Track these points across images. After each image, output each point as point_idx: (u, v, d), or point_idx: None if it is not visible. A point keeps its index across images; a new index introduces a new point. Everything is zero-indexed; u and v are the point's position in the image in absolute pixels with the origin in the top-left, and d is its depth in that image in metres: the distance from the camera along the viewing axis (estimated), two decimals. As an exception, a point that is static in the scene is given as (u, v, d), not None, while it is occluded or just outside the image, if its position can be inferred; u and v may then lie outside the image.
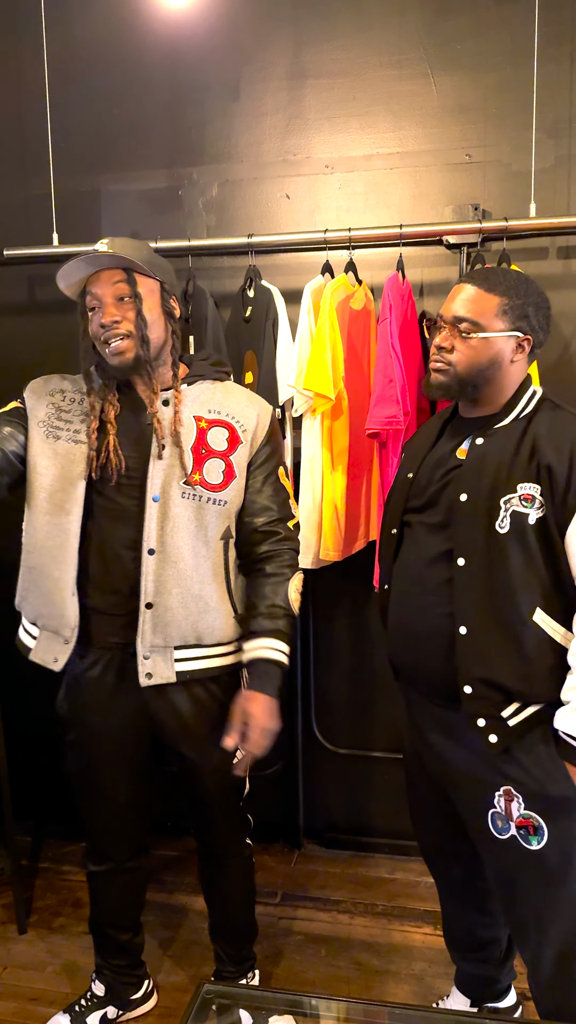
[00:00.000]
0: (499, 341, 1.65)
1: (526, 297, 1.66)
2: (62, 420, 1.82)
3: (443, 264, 2.61)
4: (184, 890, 2.69)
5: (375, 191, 2.64)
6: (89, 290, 1.73)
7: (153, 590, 1.76)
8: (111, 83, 2.75)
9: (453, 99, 2.56)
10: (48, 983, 2.29)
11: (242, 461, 1.82)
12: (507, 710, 1.61)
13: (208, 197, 2.75)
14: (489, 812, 1.67)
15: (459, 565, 1.63)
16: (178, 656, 1.80)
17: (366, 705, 2.86)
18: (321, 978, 2.29)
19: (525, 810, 1.62)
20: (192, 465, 1.76)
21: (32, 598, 1.85)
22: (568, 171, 2.51)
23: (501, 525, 1.58)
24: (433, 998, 2.18)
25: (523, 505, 1.58)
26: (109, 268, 1.71)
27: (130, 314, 1.71)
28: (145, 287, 1.73)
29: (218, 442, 1.80)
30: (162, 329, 1.78)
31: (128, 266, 1.71)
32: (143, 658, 1.78)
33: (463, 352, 1.65)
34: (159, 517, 1.75)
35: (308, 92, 2.65)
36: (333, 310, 2.35)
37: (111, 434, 1.77)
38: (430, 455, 1.79)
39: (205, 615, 1.80)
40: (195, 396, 1.83)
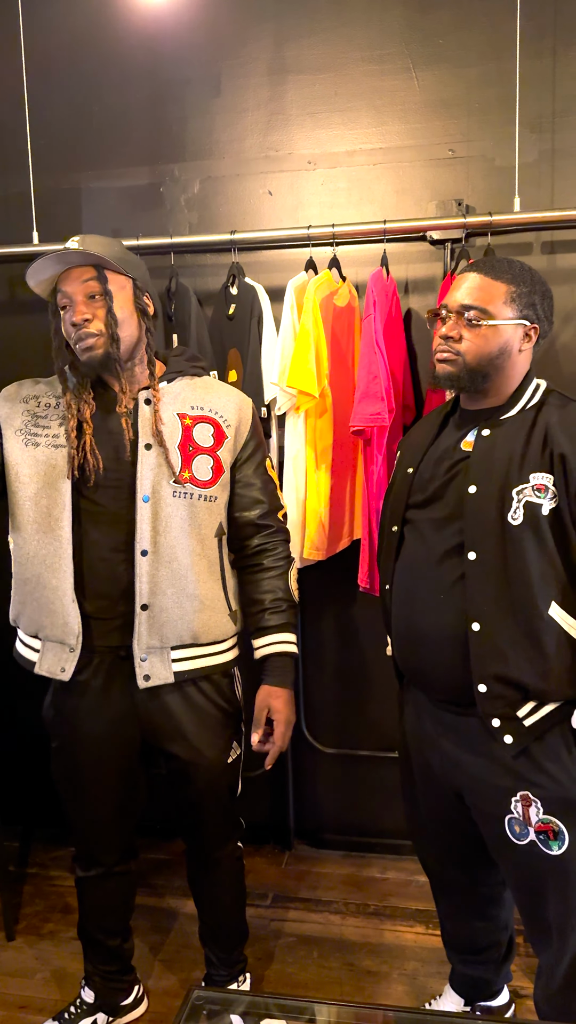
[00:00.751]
0: (508, 329, 1.61)
1: (532, 285, 1.63)
2: (39, 426, 1.79)
3: (427, 260, 2.59)
4: (174, 894, 2.67)
5: (358, 187, 2.63)
6: (60, 288, 1.71)
7: (148, 591, 1.74)
8: (91, 79, 2.72)
9: (435, 94, 2.55)
10: (37, 990, 2.26)
11: (227, 456, 1.81)
12: (523, 709, 1.57)
13: (190, 194, 2.73)
14: (506, 818, 1.62)
15: (470, 559, 1.58)
16: (175, 656, 1.79)
17: (355, 705, 2.84)
18: (313, 980, 2.28)
19: (544, 815, 1.57)
20: (181, 463, 1.75)
21: (30, 611, 1.82)
22: (552, 165, 2.50)
23: (514, 516, 1.54)
24: (426, 997, 2.17)
25: (536, 495, 1.53)
26: (79, 266, 1.69)
27: (100, 312, 1.69)
28: (116, 284, 1.71)
29: (204, 438, 1.79)
30: (134, 327, 1.75)
31: (98, 263, 1.69)
32: (140, 660, 1.76)
33: (472, 341, 1.61)
34: (151, 518, 1.73)
35: (290, 88, 2.63)
36: (316, 307, 2.33)
37: (87, 434, 1.75)
38: (432, 449, 1.74)
39: (200, 614, 1.78)
40: (176, 393, 1.81)
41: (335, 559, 2.54)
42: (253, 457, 1.86)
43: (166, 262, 2.56)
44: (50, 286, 1.73)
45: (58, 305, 1.72)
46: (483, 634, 1.57)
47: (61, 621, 1.77)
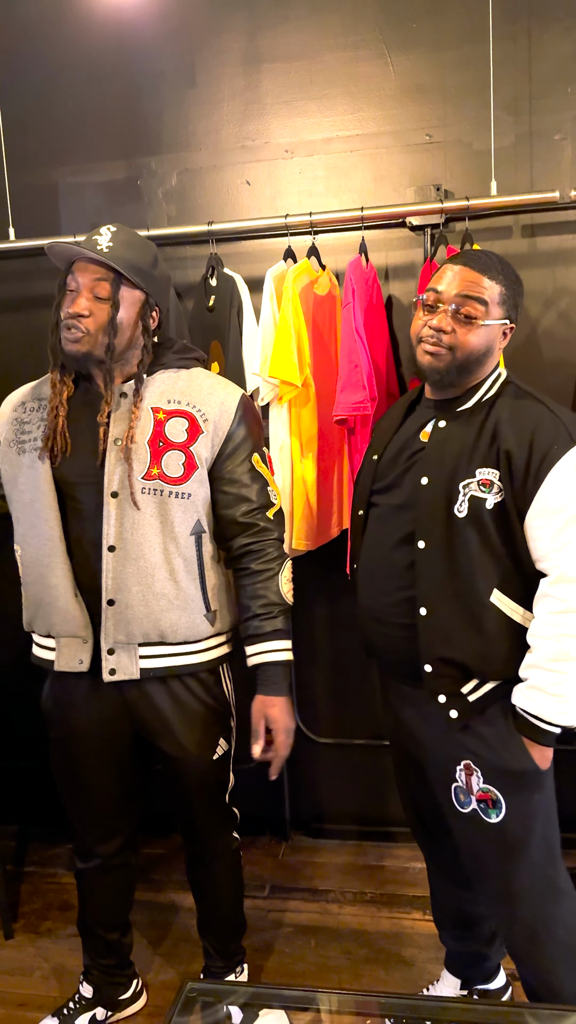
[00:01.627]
0: (495, 328, 1.64)
1: (517, 286, 1.67)
2: (25, 432, 1.81)
3: (407, 247, 2.59)
4: (173, 887, 2.67)
5: (336, 175, 2.62)
6: (73, 272, 1.70)
7: (113, 587, 1.74)
8: (64, 74, 2.70)
9: (411, 79, 2.53)
10: (36, 988, 2.26)
11: (204, 452, 1.77)
12: (467, 686, 1.64)
13: (167, 186, 2.71)
14: (452, 786, 1.69)
15: (420, 548, 1.64)
16: (143, 653, 1.78)
17: (347, 694, 2.84)
18: (312, 969, 2.28)
19: (484, 783, 1.64)
20: (149, 459, 1.72)
21: (41, 612, 1.82)
22: (529, 148, 2.49)
23: (459, 509, 1.59)
24: (424, 983, 2.18)
25: (481, 490, 1.58)
26: (99, 262, 1.69)
27: (101, 315, 1.69)
28: (128, 296, 1.71)
29: (176, 433, 1.75)
30: (128, 340, 1.74)
31: (118, 270, 1.68)
32: (107, 654, 1.77)
33: (465, 338, 1.61)
34: (117, 514, 1.73)
35: (265, 76, 2.62)
36: (296, 296, 2.32)
37: (61, 416, 1.75)
38: (395, 437, 1.78)
39: (168, 613, 1.76)
40: (154, 387, 1.79)
41: (326, 548, 2.54)
42: (237, 452, 1.80)
43: (145, 255, 2.55)
44: (67, 261, 1.73)
45: (66, 284, 1.72)
46: (430, 618, 1.63)
47: (70, 616, 1.77)
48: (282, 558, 1.84)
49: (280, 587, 1.82)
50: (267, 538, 1.82)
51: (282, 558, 1.84)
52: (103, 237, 1.69)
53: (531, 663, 1.57)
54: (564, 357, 2.53)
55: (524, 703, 1.58)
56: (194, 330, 2.52)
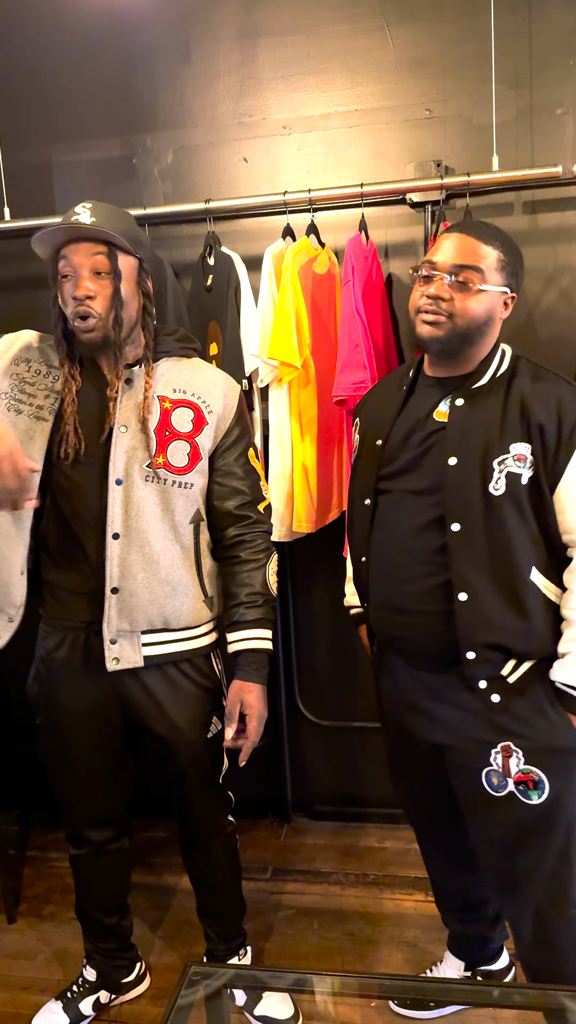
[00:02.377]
0: (495, 295, 1.61)
1: (516, 255, 1.64)
2: (25, 394, 1.76)
3: (407, 224, 2.55)
4: (172, 871, 2.67)
5: (335, 151, 2.58)
6: (64, 255, 1.65)
7: (119, 575, 1.72)
8: (57, 51, 2.65)
9: (410, 53, 2.49)
10: (39, 971, 2.27)
11: (207, 443, 1.78)
12: (506, 668, 1.61)
13: (163, 164, 2.67)
14: (484, 771, 1.65)
15: (453, 530, 1.58)
16: (145, 640, 1.77)
17: (348, 676, 2.83)
18: (314, 951, 2.29)
19: (525, 764, 1.61)
20: (156, 448, 1.72)
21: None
22: (530, 123, 2.45)
23: (496, 487, 1.56)
24: (427, 964, 2.18)
25: (516, 465, 1.55)
26: (90, 239, 1.64)
27: (106, 291, 1.65)
28: (124, 263, 1.67)
29: (183, 423, 1.75)
30: (135, 308, 1.72)
31: (110, 240, 1.64)
32: (110, 643, 1.75)
33: (464, 304, 1.59)
34: (123, 500, 1.71)
35: (261, 51, 2.57)
36: (295, 274, 2.29)
37: (72, 413, 1.72)
38: (400, 418, 1.72)
39: (172, 599, 1.76)
40: (160, 375, 1.77)
41: (325, 531, 2.52)
42: (235, 446, 1.82)
43: (141, 235, 2.51)
44: (53, 249, 1.67)
45: (59, 272, 1.67)
46: (470, 603, 1.58)
47: (5, 591, 1.76)
48: (270, 550, 1.86)
49: (267, 578, 1.84)
50: (258, 529, 1.85)
51: (270, 550, 1.86)
52: (83, 214, 1.64)
53: (572, 637, 1.56)
54: (565, 335, 2.50)
55: (567, 678, 1.56)
56: (192, 310, 2.49)
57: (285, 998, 2.02)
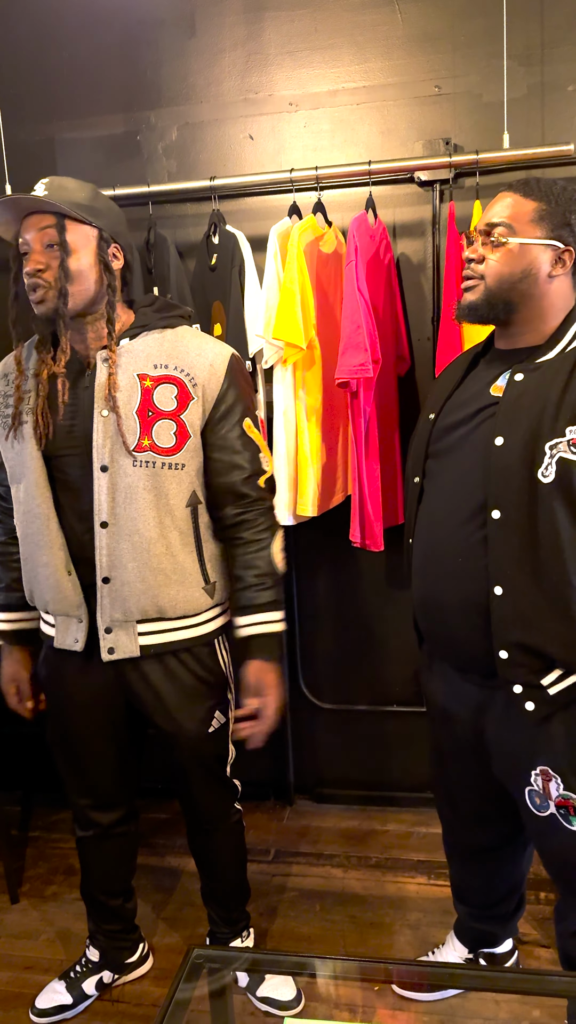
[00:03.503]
0: (534, 249, 1.47)
1: (569, 204, 1.48)
2: (7, 407, 1.74)
3: (415, 203, 2.51)
4: (176, 853, 2.68)
5: (342, 128, 2.54)
6: (21, 234, 1.62)
7: (108, 564, 1.68)
8: (59, 24, 2.61)
9: (419, 27, 2.44)
10: (42, 951, 2.27)
11: (195, 419, 1.69)
12: (547, 678, 1.47)
13: (168, 141, 2.64)
14: (526, 790, 1.57)
15: (494, 518, 1.46)
16: (142, 630, 1.73)
17: (351, 659, 2.83)
18: (316, 933, 2.29)
19: (564, 790, 1.51)
20: (139, 430, 1.65)
21: (37, 588, 1.78)
22: (542, 100, 2.41)
23: (544, 474, 1.40)
24: (429, 947, 2.18)
25: (571, 451, 1.39)
26: (39, 212, 1.60)
27: (55, 263, 1.60)
28: (77, 234, 1.61)
29: (166, 401, 1.66)
30: (93, 281, 1.64)
31: (57, 211, 1.59)
32: (104, 632, 1.72)
33: (494, 261, 1.49)
34: (109, 488, 1.66)
35: (267, 26, 2.53)
36: (300, 253, 2.25)
37: (41, 395, 1.68)
38: (457, 393, 1.61)
39: (166, 588, 1.71)
40: (139, 351, 1.68)
41: (331, 514, 2.50)
42: (228, 417, 1.72)
43: (145, 213, 2.48)
44: (16, 229, 1.65)
45: (20, 251, 1.64)
46: (506, 599, 1.46)
47: (62, 596, 1.73)
48: (274, 527, 1.80)
49: (273, 557, 1.77)
50: (260, 507, 1.77)
51: (274, 527, 1.80)
52: (37, 189, 1.61)
53: None
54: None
55: None
56: (196, 290, 2.46)
57: (287, 980, 2.02)
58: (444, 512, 1.56)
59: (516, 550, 1.44)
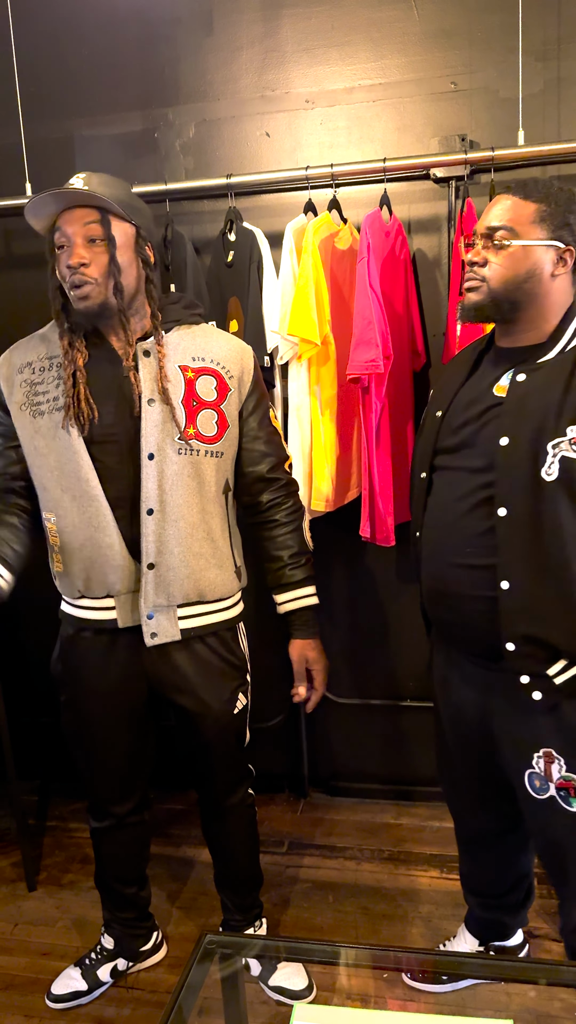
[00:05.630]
0: (537, 250, 1.51)
1: (569, 204, 1.52)
2: (38, 393, 1.75)
3: (431, 199, 2.52)
4: (190, 842, 2.71)
5: (358, 125, 2.54)
6: (59, 226, 1.64)
7: (155, 550, 1.73)
8: (78, 23, 2.63)
9: (436, 23, 2.44)
10: (59, 938, 2.31)
11: (232, 410, 1.78)
12: (554, 668, 1.51)
13: (185, 138, 2.65)
14: (527, 772, 1.60)
15: (500, 515, 1.50)
16: (182, 614, 1.79)
17: (365, 654, 2.84)
18: (329, 924, 2.31)
19: (567, 772, 1.55)
20: (185, 419, 1.71)
21: (97, 575, 1.77)
22: (558, 96, 2.41)
23: (548, 472, 1.45)
24: (440, 939, 2.20)
25: (573, 450, 1.43)
26: (82, 206, 1.63)
27: (101, 258, 1.63)
28: (119, 230, 1.64)
29: (207, 392, 1.75)
30: (134, 276, 1.69)
31: (103, 206, 1.62)
32: (147, 618, 1.76)
33: (497, 263, 1.53)
34: (156, 475, 1.70)
35: (284, 23, 2.54)
36: (316, 249, 2.27)
37: (81, 383, 1.70)
38: (463, 391, 1.65)
39: (207, 572, 1.78)
40: (175, 344, 1.76)
41: (344, 509, 2.51)
42: (257, 409, 1.83)
43: (162, 210, 2.50)
44: (49, 222, 1.67)
45: (55, 244, 1.66)
46: (513, 593, 1.50)
47: (127, 573, 1.76)
48: (301, 508, 1.92)
49: (304, 535, 1.90)
50: (289, 490, 1.89)
51: (301, 508, 1.92)
52: (77, 181, 1.63)
53: None
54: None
55: None
56: (212, 286, 2.48)
57: (299, 969, 2.05)
58: (453, 507, 1.60)
59: (522, 545, 1.48)
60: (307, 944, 1.83)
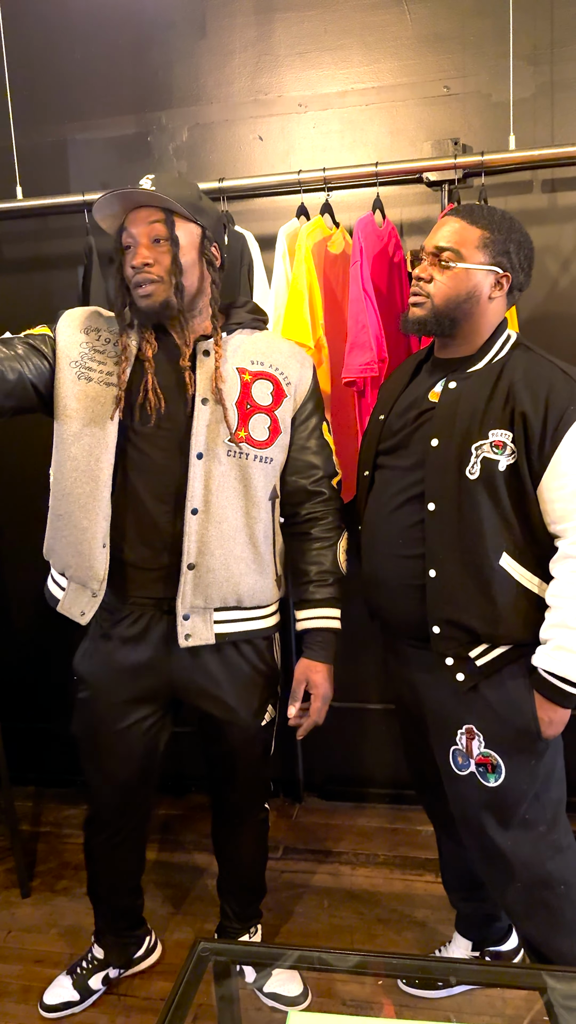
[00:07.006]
0: (478, 274, 1.63)
1: (508, 233, 1.64)
2: (95, 361, 1.72)
3: (424, 203, 2.52)
4: (187, 848, 2.70)
5: (351, 129, 2.55)
6: (126, 227, 1.66)
7: (196, 551, 1.70)
8: (70, 26, 2.64)
9: (428, 27, 2.45)
10: (52, 945, 2.30)
11: (287, 416, 1.76)
12: (475, 651, 1.63)
13: (178, 142, 2.65)
14: (451, 749, 1.70)
15: (429, 510, 1.63)
16: (218, 618, 1.75)
17: (359, 658, 2.83)
18: (324, 929, 2.30)
19: (485, 748, 1.65)
20: (237, 421, 1.70)
21: (60, 548, 1.78)
22: (550, 100, 2.41)
23: (471, 471, 1.58)
24: (436, 944, 2.19)
25: (493, 452, 1.57)
26: (148, 207, 1.63)
27: (164, 258, 1.64)
28: (184, 230, 1.65)
29: (263, 396, 1.73)
30: (196, 277, 1.69)
31: (167, 206, 1.62)
32: (183, 619, 1.72)
33: (442, 282, 1.63)
34: (203, 476, 1.68)
35: (277, 27, 2.54)
36: (308, 253, 2.27)
37: (149, 372, 1.68)
38: (402, 396, 1.76)
39: (247, 577, 1.75)
40: (236, 346, 1.75)
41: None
42: (311, 419, 1.80)
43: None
44: (117, 222, 1.68)
45: (123, 244, 1.67)
46: (438, 580, 1.63)
47: (87, 564, 1.72)
48: (341, 528, 1.86)
49: (337, 556, 1.84)
50: (331, 507, 1.85)
51: (341, 528, 1.86)
52: (145, 181, 1.64)
53: (554, 623, 1.56)
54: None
55: (548, 664, 1.56)
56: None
57: (294, 975, 2.04)
58: (388, 502, 1.72)
59: (448, 537, 1.62)
60: (302, 950, 1.82)
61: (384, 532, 1.72)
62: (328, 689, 1.83)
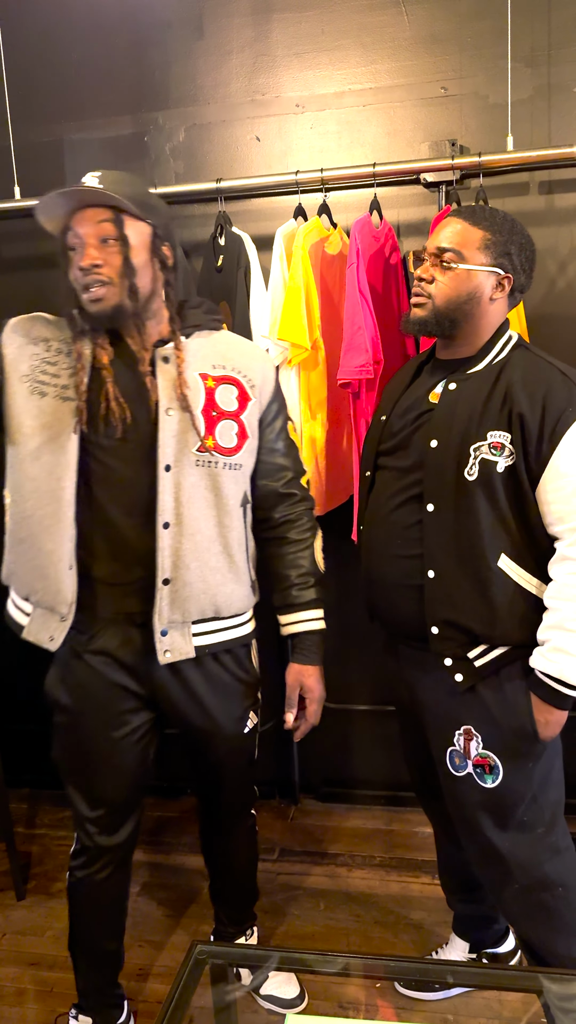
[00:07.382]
0: (479, 275, 1.62)
1: (510, 235, 1.64)
2: (48, 374, 1.63)
3: (421, 204, 2.52)
4: (181, 850, 2.69)
5: (348, 130, 2.54)
6: (71, 227, 1.56)
7: (171, 565, 1.62)
8: (68, 25, 2.63)
9: (426, 29, 2.45)
10: (47, 947, 2.29)
11: (253, 420, 1.69)
12: (473, 651, 1.63)
13: (175, 142, 2.65)
14: (448, 750, 1.70)
15: (428, 511, 1.64)
16: (196, 630, 1.69)
17: (355, 659, 2.83)
18: (320, 931, 2.30)
19: (483, 749, 1.65)
20: (204, 429, 1.63)
21: (22, 572, 1.69)
22: (547, 102, 2.41)
23: (470, 473, 1.58)
24: (433, 946, 2.19)
25: (492, 453, 1.57)
26: (95, 206, 1.54)
27: (114, 259, 1.54)
28: (133, 230, 1.56)
29: (228, 401, 1.66)
30: (150, 279, 1.60)
31: (115, 204, 1.53)
32: (160, 635, 1.65)
33: (443, 283, 1.63)
34: (173, 488, 1.60)
35: (275, 27, 2.54)
36: (306, 254, 2.27)
37: (108, 381, 1.59)
38: (403, 397, 1.76)
39: (224, 587, 1.68)
40: (195, 351, 1.66)
41: (334, 514, 2.51)
42: (276, 420, 1.75)
43: (152, 214, 2.49)
44: (62, 224, 1.58)
45: (68, 245, 1.58)
46: (437, 581, 1.63)
47: (54, 588, 1.64)
48: (316, 527, 1.84)
49: (315, 556, 1.82)
50: (303, 507, 1.82)
51: (316, 527, 1.84)
52: (91, 179, 1.56)
53: (552, 624, 1.55)
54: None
55: (544, 666, 1.56)
56: (203, 291, 2.47)
57: (291, 978, 2.03)
58: (387, 502, 1.72)
59: (446, 538, 1.62)
60: (299, 953, 1.81)
61: (383, 532, 1.72)
62: (321, 691, 1.82)
